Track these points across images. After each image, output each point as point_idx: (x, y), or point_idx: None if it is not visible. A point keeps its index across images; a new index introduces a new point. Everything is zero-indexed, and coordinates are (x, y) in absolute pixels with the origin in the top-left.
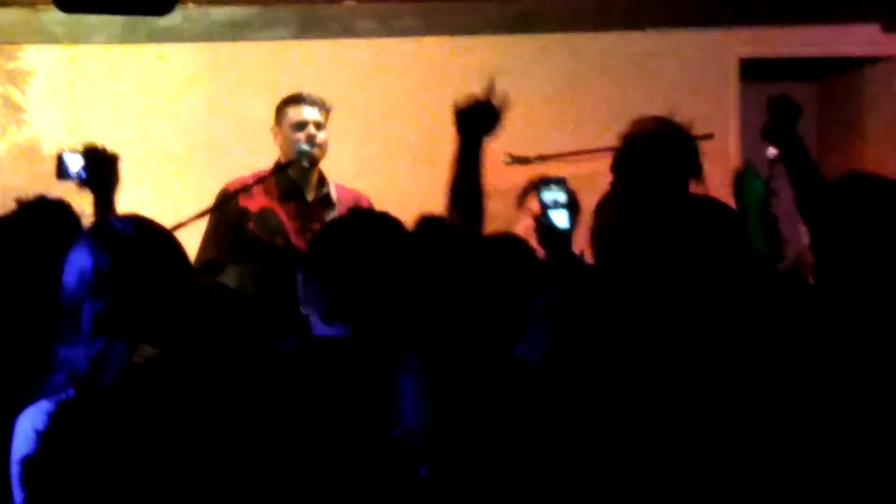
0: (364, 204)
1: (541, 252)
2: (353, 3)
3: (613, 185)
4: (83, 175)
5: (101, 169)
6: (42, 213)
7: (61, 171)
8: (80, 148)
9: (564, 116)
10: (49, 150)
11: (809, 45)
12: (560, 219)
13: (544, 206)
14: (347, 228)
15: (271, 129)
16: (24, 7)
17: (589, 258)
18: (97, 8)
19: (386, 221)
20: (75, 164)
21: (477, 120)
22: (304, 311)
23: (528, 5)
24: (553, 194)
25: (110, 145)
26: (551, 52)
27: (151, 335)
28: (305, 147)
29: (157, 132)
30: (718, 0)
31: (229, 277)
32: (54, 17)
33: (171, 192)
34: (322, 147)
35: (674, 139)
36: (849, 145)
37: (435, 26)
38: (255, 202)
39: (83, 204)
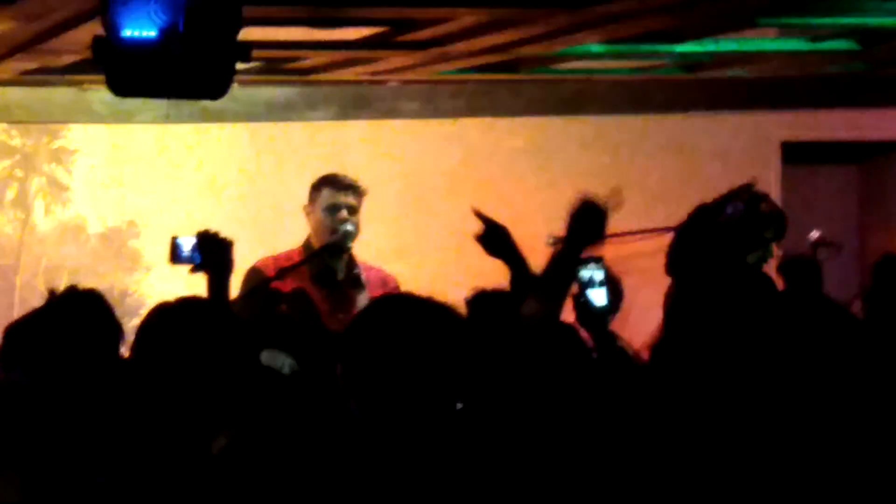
0: (391, 284)
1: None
2: (396, 83)
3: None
4: (197, 258)
5: (214, 253)
6: (73, 306)
7: (175, 255)
8: (194, 233)
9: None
10: (94, 229)
11: (850, 128)
12: (598, 297)
13: (582, 285)
14: (392, 316)
15: (304, 208)
16: (71, 87)
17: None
18: (150, 92)
19: (430, 308)
20: (189, 247)
21: (589, 226)
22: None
23: (570, 87)
24: (591, 272)
25: (152, 223)
26: (592, 134)
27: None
28: (350, 228)
29: (199, 210)
30: (760, 84)
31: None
32: (100, 96)
33: None
34: (355, 231)
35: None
36: (889, 227)
37: (477, 107)
38: (287, 283)
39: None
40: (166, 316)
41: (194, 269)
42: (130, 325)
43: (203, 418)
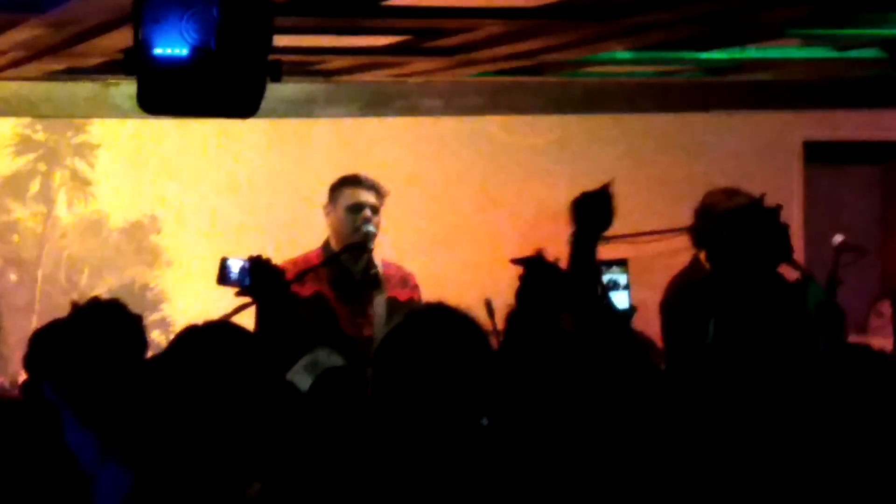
0: (411, 282)
1: None
2: (418, 81)
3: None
4: (246, 281)
5: (264, 277)
6: (96, 317)
7: (224, 276)
8: (245, 255)
9: (627, 196)
10: (115, 223)
11: (873, 128)
12: (620, 300)
13: (604, 288)
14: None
15: (324, 208)
16: (94, 82)
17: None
18: (181, 110)
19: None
20: (237, 269)
21: (594, 214)
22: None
23: (590, 84)
24: (613, 276)
25: (174, 218)
26: (614, 132)
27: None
28: (372, 229)
29: (220, 206)
30: (782, 84)
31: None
32: (123, 91)
33: None
34: (376, 232)
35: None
36: None
37: (498, 105)
38: (306, 287)
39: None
40: (194, 346)
41: (240, 293)
42: (150, 319)
43: (235, 463)
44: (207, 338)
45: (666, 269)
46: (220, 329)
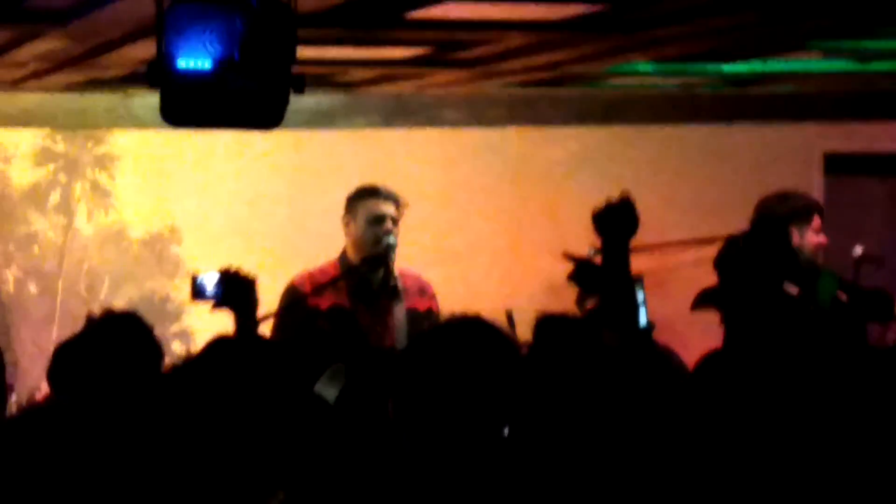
0: (429, 291)
1: None
2: (438, 92)
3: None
4: (219, 296)
5: (237, 291)
6: (111, 331)
7: (197, 292)
8: (216, 269)
9: (649, 207)
10: (136, 234)
11: (893, 140)
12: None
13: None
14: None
15: (342, 219)
16: (115, 93)
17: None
18: (204, 122)
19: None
20: (212, 284)
21: (617, 222)
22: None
23: (612, 96)
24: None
25: (194, 229)
26: (636, 144)
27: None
28: (392, 241)
29: (241, 217)
30: (803, 96)
31: (329, 383)
32: (143, 102)
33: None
34: (396, 244)
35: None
36: None
37: (520, 116)
38: (325, 299)
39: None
40: (224, 357)
41: (216, 307)
42: (171, 330)
43: (259, 474)
44: (236, 349)
45: (686, 281)
46: (248, 340)
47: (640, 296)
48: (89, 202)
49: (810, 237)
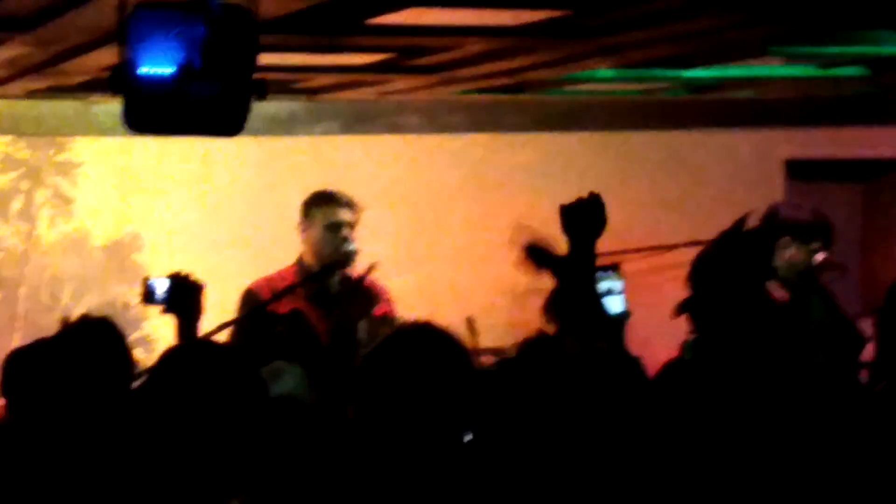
0: (385, 295)
1: None
2: (399, 98)
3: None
4: (167, 300)
5: (185, 295)
6: (85, 335)
7: (147, 296)
8: (167, 274)
9: (610, 213)
10: (98, 241)
11: (855, 146)
12: (615, 304)
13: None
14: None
15: (299, 225)
16: (77, 100)
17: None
18: (167, 129)
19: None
20: (162, 289)
21: (586, 218)
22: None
23: (572, 102)
24: (608, 283)
25: (156, 236)
26: (596, 150)
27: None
28: (353, 248)
29: (202, 224)
30: (764, 102)
31: (287, 381)
32: (106, 109)
33: (214, 284)
34: (357, 250)
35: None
36: (893, 246)
37: (480, 123)
38: (283, 304)
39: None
40: (179, 366)
41: (165, 311)
42: (132, 337)
43: (216, 480)
44: (191, 357)
45: (650, 287)
46: (204, 348)
47: (618, 284)
48: (51, 209)
49: (801, 254)
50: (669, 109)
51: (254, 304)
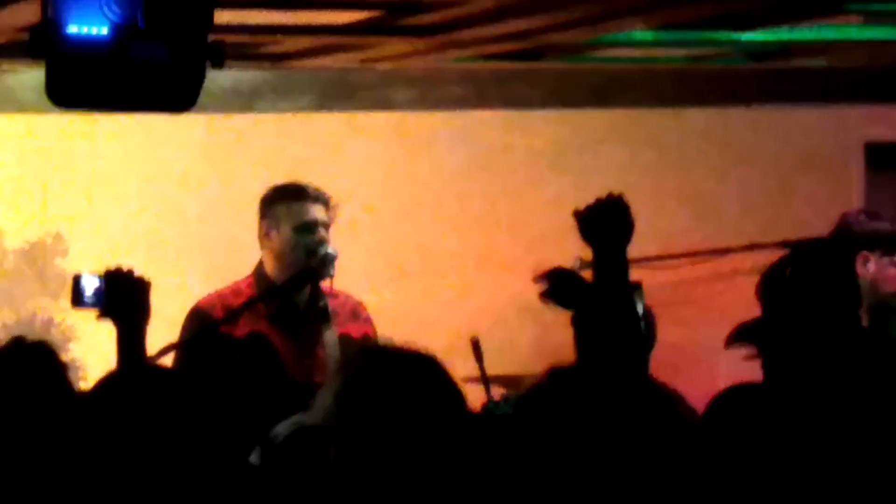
0: (363, 314)
1: None
2: (388, 67)
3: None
4: (100, 303)
5: (123, 296)
6: (17, 362)
7: (77, 297)
8: (100, 270)
9: (647, 211)
10: (12, 244)
11: None
12: None
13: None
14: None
15: (259, 228)
16: None
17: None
18: (100, 104)
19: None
20: (93, 288)
21: (607, 226)
22: None
23: (602, 73)
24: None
25: (83, 237)
26: (631, 131)
27: None
28: (332, 251)
29: (142, 222)
30: (839, 74)
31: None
32: (24, 81)
33: (157, 298)
34: (336, 254)
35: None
36: None
37: (487, 97)
38: (239, 326)
39: None
40: (116, 399)
41: (101, 316)
42: None
43: None
44: (135, 391)
45: (698, 301)
46: (150, 377)
47: (639, 308)
48: None
49: (888, 269)
50: (721, 82)
51: (203, 326)
